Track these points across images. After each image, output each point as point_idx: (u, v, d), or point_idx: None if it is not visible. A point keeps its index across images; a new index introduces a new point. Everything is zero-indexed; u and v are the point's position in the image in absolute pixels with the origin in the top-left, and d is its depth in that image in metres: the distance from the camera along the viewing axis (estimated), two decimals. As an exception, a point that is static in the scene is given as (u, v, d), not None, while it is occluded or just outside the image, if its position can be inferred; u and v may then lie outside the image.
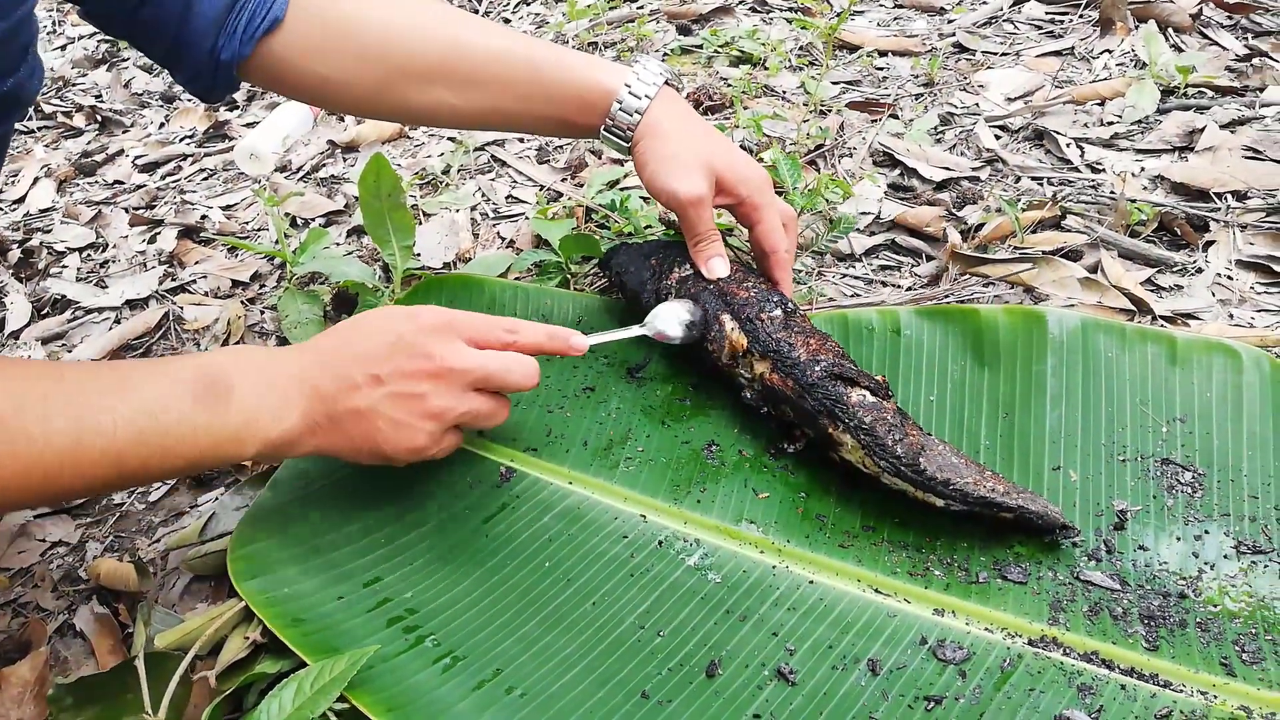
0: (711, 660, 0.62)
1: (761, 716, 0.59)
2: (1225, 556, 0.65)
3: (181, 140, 1.52)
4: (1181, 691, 0.58)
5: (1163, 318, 0.85)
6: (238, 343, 1.02)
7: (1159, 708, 0.57)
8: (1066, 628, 0.62)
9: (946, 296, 0.91)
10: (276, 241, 1.09)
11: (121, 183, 1.43)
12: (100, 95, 1.71)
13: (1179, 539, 0.66)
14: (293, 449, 0.64)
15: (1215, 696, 0.57)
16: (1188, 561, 0.65)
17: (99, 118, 1.62)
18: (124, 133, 1.59)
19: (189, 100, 1.65)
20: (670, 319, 0.78)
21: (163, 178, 1.42)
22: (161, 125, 1.60)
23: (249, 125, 1.48)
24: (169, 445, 0.58)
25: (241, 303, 1.08)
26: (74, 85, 1.76)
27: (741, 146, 1.15)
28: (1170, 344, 0.77)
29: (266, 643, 0.66)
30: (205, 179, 1.39)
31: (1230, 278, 0.90)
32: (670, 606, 0.66)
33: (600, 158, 1.22)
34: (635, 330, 0.78)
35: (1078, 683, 0.58)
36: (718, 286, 0.79)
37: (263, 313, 1.07)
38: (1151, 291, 0.89)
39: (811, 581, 0.67)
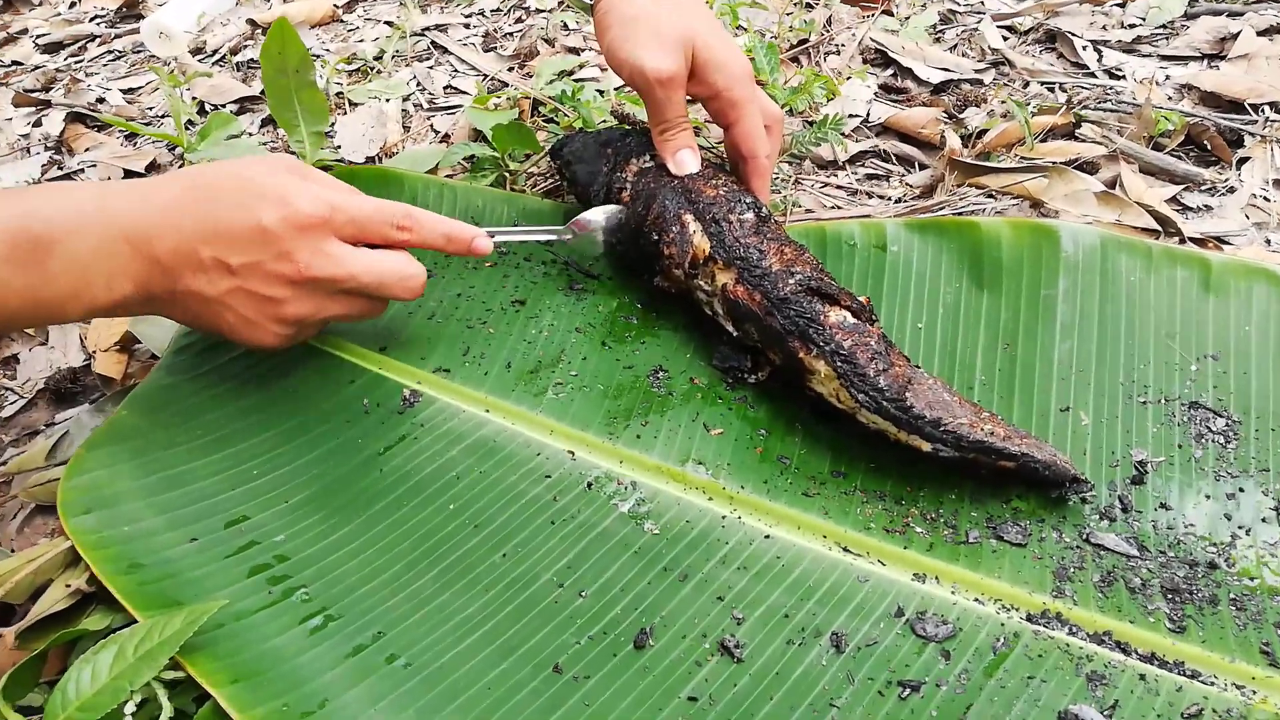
0: (641, 629, 0.51)
1: (698, 699, 0.48)
2: (1264, 520, 0.54)
3: (91, 20, 1.36)
4: (1213, 684, 0.47)
5: (1190, 240, 0.73)
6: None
7: (1187, 705, 0.46)
8: (1074, 601, 0.51)
9: (941, 209, 0.78)
10: (177, 128, 0.94)
11: (20, 63, 1.27)
12: (7, -32, 1.53)
13: (1208, 497, 0.55)
14: (125, 313, 0.56)
15: (1255, 691, 0.47)
16: (1219, 524, 0.54)
17: (2, -8, 1.44)
18: (30, 10, 1.43)
19: (103, -24, 1.47)
20: (597, 219, 0.69)
21: (66, 59, 1.26)
22: (72, 5, 1.43)
23: (164, 3, 1.32)
24: None
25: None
26: (-21, -42, 1.58)
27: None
28: (1204, 268, 0.65)
29: (96, 592, 0.54)
30: (111, 61, 1.23)
31: (1266, 199, 0.78)
32: (597, 561, 0.54)
33: (554, 45, 1.07)
34: (551, 232, 0.69)
35: (1086, 670, 0.48)
36: (681, 183, 0.66)
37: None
38: (1177, 212, 0.77)
39: (768, 536, 0.55)
